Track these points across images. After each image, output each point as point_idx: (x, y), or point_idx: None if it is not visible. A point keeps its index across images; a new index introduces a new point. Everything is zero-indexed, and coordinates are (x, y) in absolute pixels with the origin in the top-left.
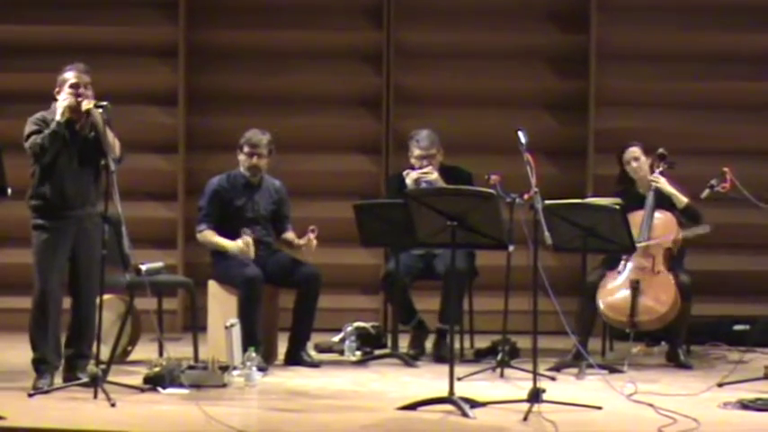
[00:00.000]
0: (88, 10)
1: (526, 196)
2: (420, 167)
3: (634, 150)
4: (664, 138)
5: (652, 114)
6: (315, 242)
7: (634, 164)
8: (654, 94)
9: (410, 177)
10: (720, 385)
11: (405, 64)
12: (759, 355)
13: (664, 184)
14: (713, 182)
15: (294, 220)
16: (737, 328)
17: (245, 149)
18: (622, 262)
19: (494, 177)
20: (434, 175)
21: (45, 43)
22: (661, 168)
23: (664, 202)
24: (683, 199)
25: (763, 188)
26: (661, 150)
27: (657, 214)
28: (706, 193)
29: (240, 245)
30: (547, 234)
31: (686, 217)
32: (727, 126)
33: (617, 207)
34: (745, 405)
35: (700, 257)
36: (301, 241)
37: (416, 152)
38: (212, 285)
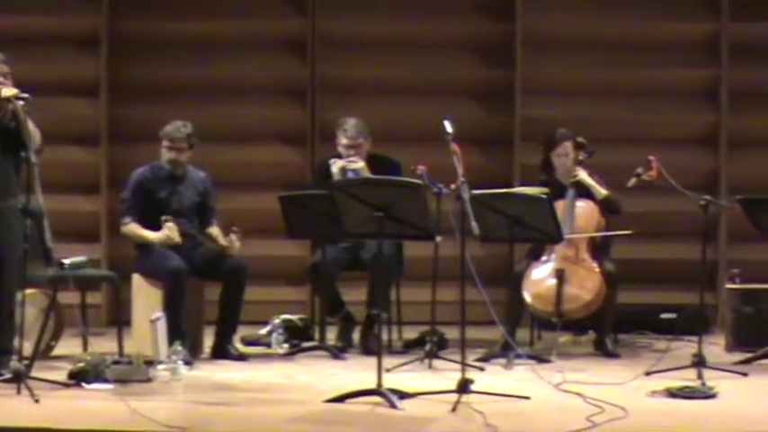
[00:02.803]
0: None
1: (453, 186)
2: (347, 156)
3: (566, 146)
4: (590, 126)
5: (578, 103)
6: (238, 243)
7: (563, 159)
8: (580, 82)
9: (336, 166)
10: (648, 374)
11: (330, 53)
12: (686, 344)
13: (583, 176)
14: (639, 170)
15: (220, 211)
16: (664, 316)
17: (165, 143)
18: (546, 251)
19: (421, 167)
20: (361, 164)
21: None
22: (581, 158)
23: (584, 191)
24: (601, 191)
25: (688, 176)
26: (580, 139)
27: (579, 203)
28: (632, 181)
29: (166, 233)
30: (474, 224)
31: (606, 208)
32: (653, 114)
33: (544, 196)
34: (672, 393)
35: (626, 246)
36: (224, 242)
37: (343, 141)
38: (136, 279)
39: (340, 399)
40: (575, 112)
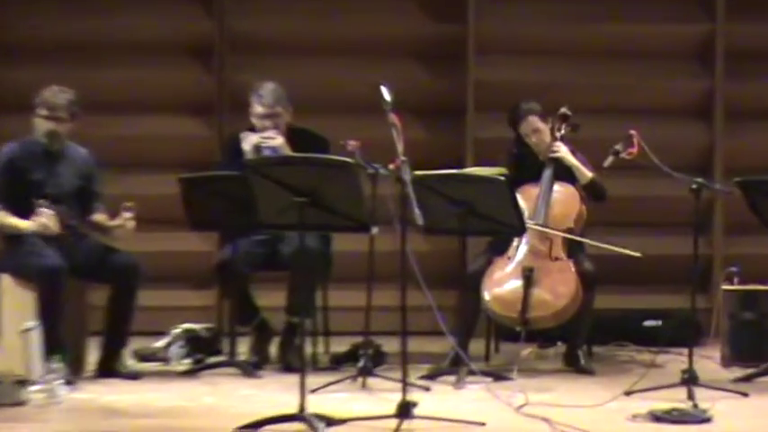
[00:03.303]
0: None
1: (392, 166)
2: (262, 129)
3: (532, 121)
4: (558, 92)
5: (544, 64)
6: (132, 223)
7: (534, 136)
8: (546, 39)
9: (249, 142)
10: (629, 393)
11: (241, 4)
12: (674, 357)
13: (565, 154)
14: (618, 147)
15: (106, 197)
16: (648, 324)
17: (42, 112)
18: (513, 245)
19: (352, 143)
20: (279, 140)
21: None
22: (563, 132)
23: (565, 173)
24: (587, 173)
25: (676, 153)
26: (564, 110)
27: (557, 188)
28: (609, 160)
29: (41, 221)
30: (417, 212)
31: (588, 193)
32: (634, 79)
33: (501, 178)
34: (657, 417)
35: (601, 239)
36: (115, 222)
37: (258, 109)
38: (5, 280)
39: (254, 426)
40: (539, 75)
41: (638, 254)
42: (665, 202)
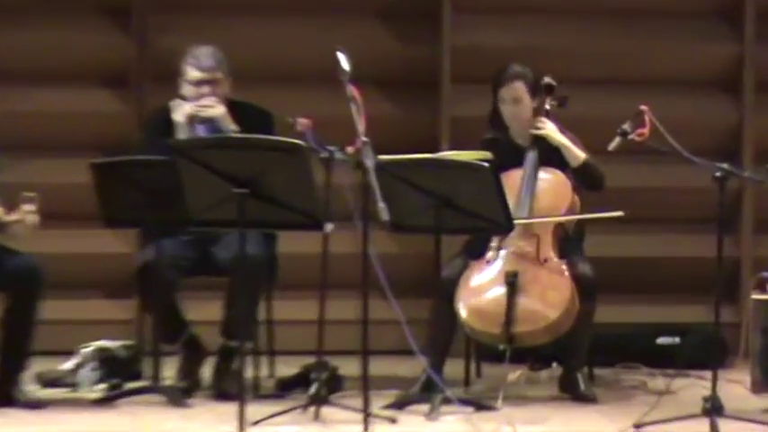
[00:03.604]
0: None
1: (351, 149)
2: (198, 98)
3: (517, 87)
4: (551, 59)
5: (534, 26)
6: (33, 217)
7: (512, 107)
8: None
9: (182, 112)
10: (639, 426)
11: None
12: (693, 382)
13: (552, 131)
14: (626, 126)
15: (1, 187)
16: (662, 341)
17: None
18: (493, 246)
19: (302, 121)
20: (220, 109)
21: None
22: (548, 107)
23: (552, 156)
24: (579, 154)
25: (697, 134)
26: (548, 80)
27: (543, 175)
28: (616, 142)
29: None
30: (382, 206)
31: (581, 179)
32: (646, 43)
33: (485, 164)
34: None
35: (605, 238)
36: (11, 217)
37: (193, 74)
38: None
39: None
40: (529, 38)
41: (619, 213)
42: (682, 194)
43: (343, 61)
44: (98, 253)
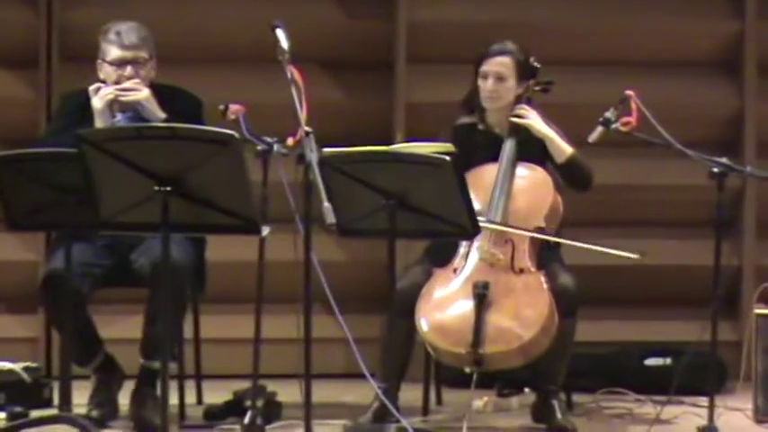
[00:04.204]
0: None
1: (291, 140)
2: (119, 81)
3: (502, 62)
4: (522, 36)
5: None
6: None
7: (492, 83)
8: None
9: (102, 96)
10: None
11: None
12: (688, 409)
13: (535, 121)
14: (609, 114)
15: None
16: (651, 362)
17: None
18: (460, 253)
19: (234, 108)
20: (144, 92)
21: None
22: (529, 92)
23: (533, 150)
24: (565, 148)
25: (691, 123)
26: (532, 61)
27: (521, 171)
28: (597, 132)
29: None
30: (327, 205)
31: (567, 177)
32: (632, 17)
33: (446, 158)
34: None
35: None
36: None
37: (114, 53)
38: None
39: None
40: (498, 13)
41: (636, 255)
42: (674, 193)
43: (282, 38)
44: None
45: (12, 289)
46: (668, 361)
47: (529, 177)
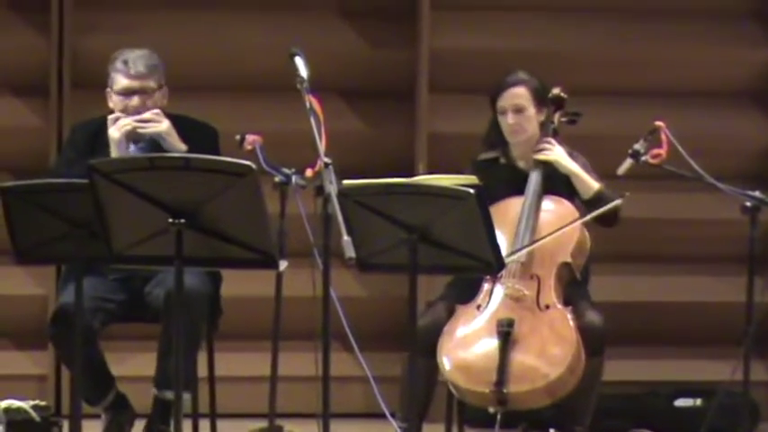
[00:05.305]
0: None
1: (310, 172)
2: (125, 111)
3: (519, 93)
4: (547, 66)
5: (527, 25)
6: None
7: (512, 117)
8: None
9: (119, 127)
10: None
11: None
12: None
13: (560, 156)
14: (638, 146)
15: None
16: (681, 403)
17: None
18: (484, 289)
19: (251, 138)
20: (164, 125)
21: None
22: (555, 123)
23: (558, 184)
24: (591, 184)
25: (723, 155)
26: (557, 92)
27: (547, 205)
28: (626, 165)
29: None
30: (346, 239)
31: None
32: (662, 47)
33: (470, 190)
34: None
35: (614, 280)
36: None
37: (121, 82)
38: None
39: None
40: (522, 41)
41: (619, 199)
42: (705, 228)
43: (301, 66)
44: (7, 295)
45: (21, 324)
46: (699, 402)
47: (555, 211)
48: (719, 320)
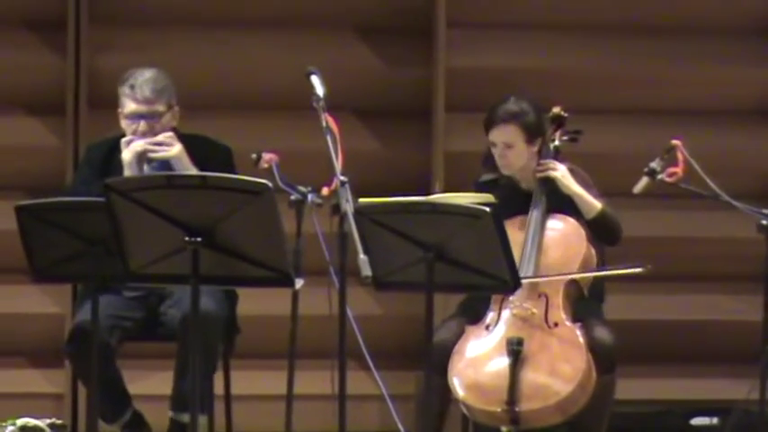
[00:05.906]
0: None
1: (326, 190)
2: (134, 134)
3: (506, 132)
4: (561, 84)
5: (541, 44)
6: None
7: (500, 152)
8: (547, 7)
9: (132, 149)
10: None
11: None
12: None
13: (563, 176)
14: (654, 164)
15: None
16: (697, 422)
17: None
18: (493, 308)
19: (267, 156)
20: (176, 149)
21: None
22: (557, 142)
23: (562, 203)
24: (594, 204)
25: (739, 173)
26: (557, 110)
27: (553, 224)
28: (642, 183)
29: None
30: (362, 257)
31: (596, 232)
32: (676, 65)
33: (486, 209)
34: None
35: (628, 298)
36: None
37: (130, 106)
38: None
39: None
40: (537, 60)
41: (639, 269)
42: (721, 246)
43: (317, 85)
44: (24, 313)
45: (37, 342)
46: (715, 421)
47: (561, 229)
48: (736, 339)
